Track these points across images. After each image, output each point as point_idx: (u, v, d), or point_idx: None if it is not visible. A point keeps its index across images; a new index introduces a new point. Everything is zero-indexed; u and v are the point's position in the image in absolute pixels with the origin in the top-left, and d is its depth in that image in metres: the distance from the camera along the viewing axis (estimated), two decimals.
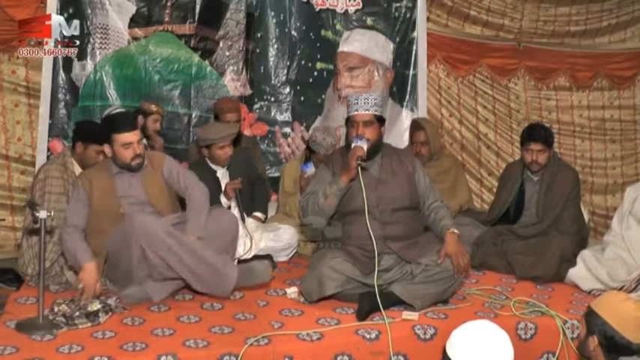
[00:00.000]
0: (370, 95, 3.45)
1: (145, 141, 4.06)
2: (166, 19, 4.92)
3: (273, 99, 5.32)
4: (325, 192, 3.29)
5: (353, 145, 3.29)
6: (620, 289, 3.61)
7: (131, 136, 3.36)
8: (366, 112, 3.36)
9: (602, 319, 2.27)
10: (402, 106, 5.56)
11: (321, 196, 3.30)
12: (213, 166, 4.15)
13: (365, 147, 3.27)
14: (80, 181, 3.41)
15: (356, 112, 3.37)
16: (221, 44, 5.09)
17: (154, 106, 4.52)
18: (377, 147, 3.42)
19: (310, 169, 4.28)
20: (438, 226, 3.42)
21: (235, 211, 4.03)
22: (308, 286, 3.30)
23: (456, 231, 3.36)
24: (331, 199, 3.28)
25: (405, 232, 3.36)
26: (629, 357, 2.24)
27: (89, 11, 4.72)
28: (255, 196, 4.42)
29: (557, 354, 3.13)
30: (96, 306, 3.04)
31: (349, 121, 3.41)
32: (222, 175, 4.18)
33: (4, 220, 4.59)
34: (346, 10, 5.40)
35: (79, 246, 3.25)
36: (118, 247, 3.20)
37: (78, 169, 3.72)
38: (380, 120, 3.42)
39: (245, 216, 4.11)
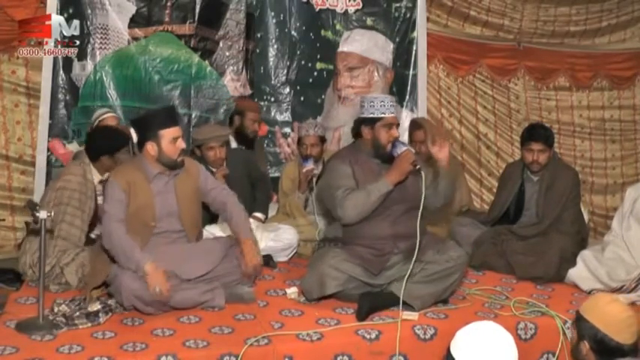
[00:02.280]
0: (391, 97, 3.50)
1: None
2: (166, 19, 4.92)
3: (273, 99, 5.32)
4: (371, 193, 3.27)
5: (404, 149, 3.31)
6: (620, 288, 3.61)
7: (177, 130, 3.26)
8: (395, 115, 3.41)
9: (591, 323, 2.27)
10: (402, 106, 5.55)
11: (366, 195, 3.27)
12: (211, 166, 4.15)
13: (413, 150, 3.35)
14: (117, 182, 3.21)
15: (391, 115, 3.37)
16: (221, 44, 5.09)
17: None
18: None
19: (310, 164, 4.35)
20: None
21: None
22: (309, 284, 3.31)
23: None
24: (378, 201, 3.28)
25: (411, 232, 3.36)
26: (623, 358, 2.23)
27: (89, 11, 4.72)
28: (256, 196, 4.43)
29: (557, 354, 3.14)
30: (96, 306, 3.04)
31: (381, 123, 3.36)
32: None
33: (4, 220, 4.59)
34: (346, 10, 5.40)
35: (134, 247, 3.08)
36: (114, 285, 3.13)
37: (97, 177, 3.69)
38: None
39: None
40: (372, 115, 3.37)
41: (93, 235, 3.72)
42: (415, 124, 4.76)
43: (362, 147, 3.46)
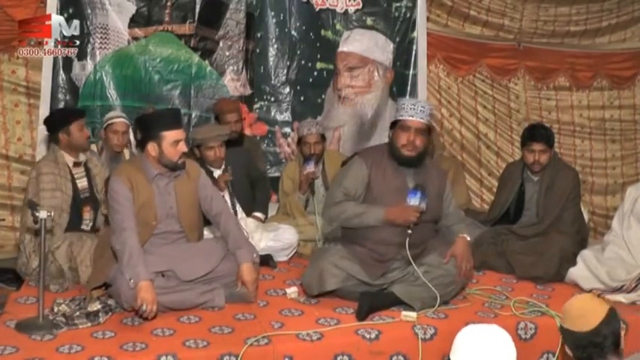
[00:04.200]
0: (425, 103, 3.46)
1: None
2: (166, 19, 4.92)
3: (273, 99, 5.32)
4: (364, 216, 3.27)
5: (417, 205, 3.21)
6: (620, 288, 3.61)
7: (180, 133, 3.24)
8: (422, 120, 3.31)
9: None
10: None
11: (359, 215, 3.27)
12: (210, 167, 4.14)
13: (424, 206, 3.23)
14: (121, 180, 3.19)
15: (411, 118, 3.28)
16: (221, 44, 5.09)
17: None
18: (422, 156, 3.39)
19: (311, 166, 4.35)
20: (451, 231, 3.46)
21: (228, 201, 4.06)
22: (309, 280, 3.32)
23: (467, 237, 3.40)
24: (364, 226, 3.29)
25: (421, 242, 3.37)
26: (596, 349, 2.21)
27: (89, 11, 4.72)
28: (255, 196, 4.43)
29: (557, 354, 3.14)
30: (96, 306, 3.04)
31: (400, 125, 3.32)
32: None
33: (4, 220, 4.59)
34: (346, 10, 5.40)
35: (141, 258, 3.06)
36: (114, 286, 3.12)
37: (70, 160, 3.69)
38: (429, 129, 3.44)
39: (239, 208, 4.11)
40: (397, 117, 3.36)
41: (86, 227, 3.72)
42: None
43: (387, 148, 3.44)
